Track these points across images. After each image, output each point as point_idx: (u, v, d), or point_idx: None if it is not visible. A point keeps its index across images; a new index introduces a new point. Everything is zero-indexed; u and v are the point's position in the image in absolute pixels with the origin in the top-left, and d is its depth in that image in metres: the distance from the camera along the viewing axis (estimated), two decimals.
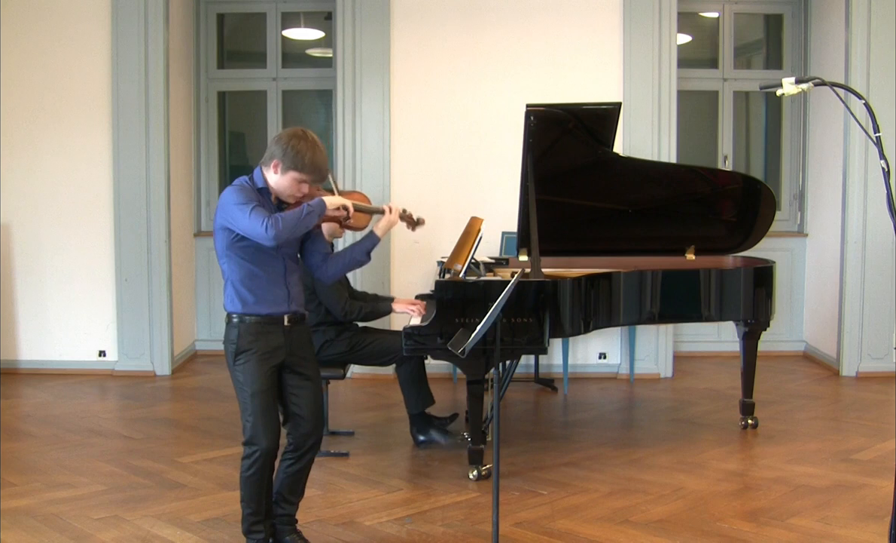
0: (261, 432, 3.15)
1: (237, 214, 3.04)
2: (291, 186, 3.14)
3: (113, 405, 5.76)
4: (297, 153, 3.08)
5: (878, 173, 6.10)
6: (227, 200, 3.09)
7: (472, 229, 4.57)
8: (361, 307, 4.67)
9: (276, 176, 3.14)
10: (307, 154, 3.09)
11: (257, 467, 3.16)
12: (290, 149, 3.08)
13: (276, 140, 3.14)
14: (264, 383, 3.17)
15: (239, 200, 3.05)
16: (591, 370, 6.49)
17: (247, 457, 3.18)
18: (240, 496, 3.24)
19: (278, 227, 2.99)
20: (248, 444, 3.17)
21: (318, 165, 3.12)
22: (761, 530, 3.66)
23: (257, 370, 3.15)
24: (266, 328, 3.17)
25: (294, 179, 3.12)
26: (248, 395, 3.16)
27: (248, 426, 3.16)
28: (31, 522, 3.74)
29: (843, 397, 5.98)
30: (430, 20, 6.37)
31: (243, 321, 3.16)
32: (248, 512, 3.23)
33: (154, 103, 6.29)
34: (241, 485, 3.22)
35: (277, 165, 3.12)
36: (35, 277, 6.51)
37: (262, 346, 3.16)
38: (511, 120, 5.38)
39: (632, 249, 5.29)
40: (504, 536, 3.56)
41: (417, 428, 4.84)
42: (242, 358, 3.15)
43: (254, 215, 3.00)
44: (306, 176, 3.12)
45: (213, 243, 3.21)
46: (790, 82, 2.84)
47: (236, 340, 3.15)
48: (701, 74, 7.15)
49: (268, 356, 3.17)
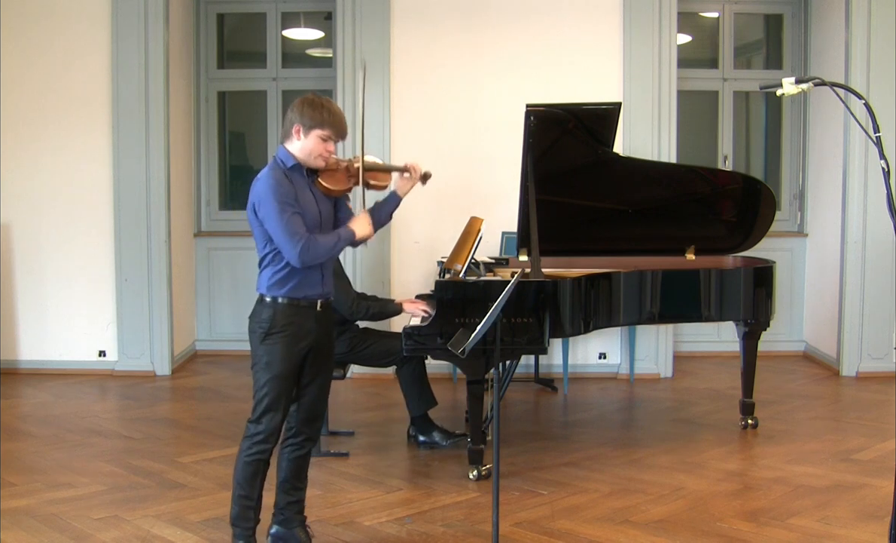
0: (273, 413, 3.17)
1: (274, 215, 3.06)
2: (317, 146, 3.16)
3: (113, 405, 5.76)
4: (314, 111, 3.13)
5: (878, 173, 6.10)
6: (264, 191, 3.09)
7: (472, 229, 4.57)
8: (369, 307, 4.65)
9: (300, 142, 3.17)
10: (324, 111, 3.14)
11: (259, 448, 3.17)
12: (308, 109, 3.14)
13: (291, 108, 3.19)
14: (289, 367, 3.18)
15: (278, 200, 3.06)
16: (591, 370, 6.49)
17: (250, 437, 3.18)
18: (234, 478, 3.22)
19: (310, 253, 3.07)
20: (256, 422, 3.17)
21: (336, 120, 3.17)
22: (761, 530, 3.66)
23: (286, 352, 3.16)
24: (300, 311, 3.19)
25: (318, 136, 3.15)
26: (270, 376, 3.16)
27: (262, 406, 3.17)
28: (31, 522, 3.74)
29: (843, 397, 5.98)
30: (430, 20, 6.38)
31: (277, 302, 3.17)
32: (242, 495, 3.21)
33: (154, 103, 6.29)
34: (238, 468, 3.21)
35: (299, 130, 3.16)
36: (35, 277, 6.51)
37: (295, 329, 3.18)
38: (511, 120, 5.38)
39: (632, 249, 5.29)
40: (504, 536, 3.56)
41: (419, 430, 4.83)
42: (272, 339, 3.16)
43: (289, 227, 3.04)
44: (328, 131, 3.16)
45: (250, 227, 3.19)
46: (790, 82, 2.84)
47: (270, 319, 3.16)
48: (701, 74, 7.15)
49: (298, 338, 3.19)
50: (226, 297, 7.15)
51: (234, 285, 7.16)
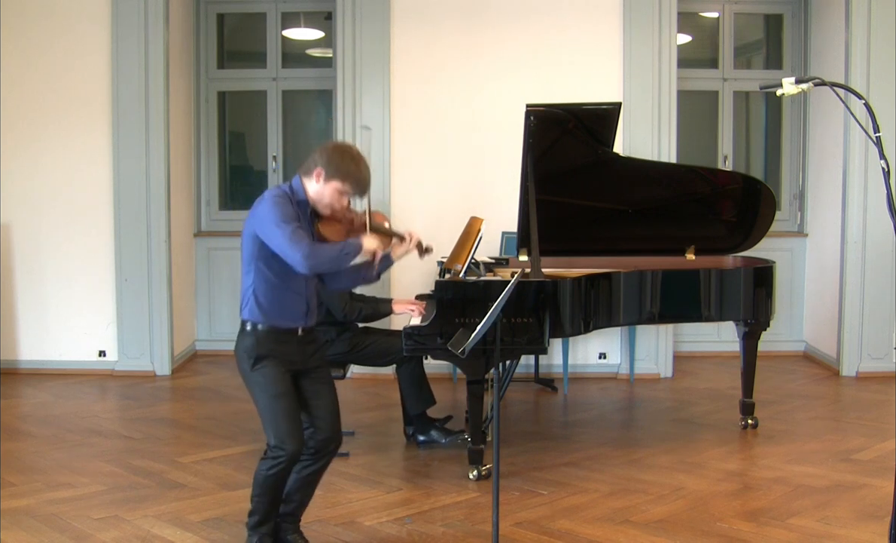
0: (287, 436, 3.11)
1: (276, 232, 3.02)
2: (332, 196, 3.14)
3: (113, 405, 5.76)
4: (342, 163, 3.11)
5: (878, 173, 6.10)
6: (265, 213, 3.06)
7: (472, 229, 4.57)
8: (361, 308, 4.68)
9: (318, 185, 3.14)
10: (351, 166, 3.12)
11: (280, 469, 3.14)
12: (336, 158, 3.11)
13: (320, 150, 3.16)
14: (286, 385, 3.17)
15: (280, 218, 3.03)
16: (591, 370, 6.49)
17: (273, 459, 3.13)
18: (253, 491, 3.21)
19: (315, 260, 3.01)
20: (276, 448, 3.12)
21: (361, 179, 3.14)
22: (761, 530, 3.66)
23: (278, 372, 3.15)
24: (281, 338, 3.18)
25: (336, 189, 3.13)
26: (271, 398, 3.13)
27: (274, 433, 3.12)
28: (31, 522, 3.74)
29: (843, 397, 5.98)
30: (430, 20, 6.38)
31: (258, 330, 3.16)
32: (262, 507, 3.21)
33: (154, 103, 6.29)
34: (258, 482, 3.19)
35: (320, 174, 3.12)
36: (35, 277, 6.51)
37: (279, 354, 3.17)
38: (511, 120, 5.38)
39: (632, 249, 5.29)
40: (504, 536, 3.55)
41: (418, 429, 4.84)
42: (262, 363, 3.14)
43: (294, 238, 2.99)
44: (349, 187, 3.13)
45: (241, 247, 3.18)
46: (790, 82, 2.84)
47: (254, 347, 3.15)
48: (701, 74, 7.15)
49: (285, 362, 3.18)
50: (226, 297, 7.15)
51: (234, 285, 7.15)
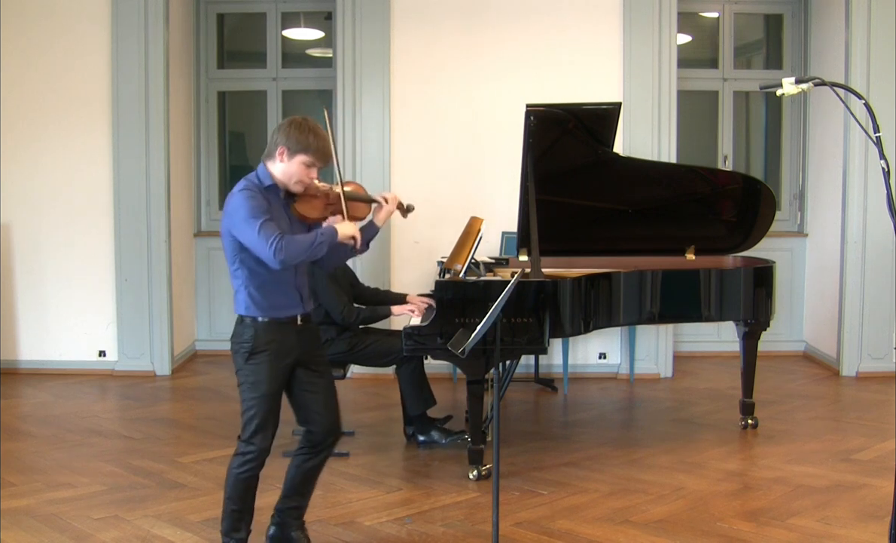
0: (263, 432, 3.15)
1: (245, 228, 3.01)
2: (300, 171, 3.13)
3: (113, 405, 5.76)
4: (301, 136, 3.10)
5: (878, 173, 6.10)
6: (235, 209, 3.06)
7: (472, 229, 4.57)
8: (359, 312, 4.67)
9: (283, 164, 3.13)
10: (310, 137, 3.11)
11: (252, 466, 3.16)
12: (295, 133, 3.10)
13: (277, 130, 3.16)
14: (276, 385, 3.18)
15: (248, 213, 3.01)
16: (591, 370, 6.49)
17: (242, 454, 3.16)
18: (225, 493, 3.21)
19: (287, 252, 2.99)
20: (247, 442, 3.15)
21: (322, 148, 3.14)
22: (761, 530, 3.66)
23: (271, 370, 3.15)
24: (279, 329, 3.18)
25: (302, 162, 3.12)
26: (258, 395, 3.14)
27: (252, 426, 3.15)
28: (31, 522, 3.74)
29: (843, 397, 5.98)
30: (430, 20, 6.37)
31: (257, 322, 3.16)
32: (234, 509, 3.20)
33: (154, 103, 6.29)
34: (230, 483, 3.19)
35: (283, 152, 3.12)
36: (35, 277, 6.51)
37: (277, 346, 3.16)
38: (511, 120, 5.38)
39: (632, 249, 5.29)
40: (504, 536, 3.56)
41: (419, 429, 4.84)
42: (256, 358, 3.15)
43: (262, 233, 2.98)
44: (313, 158, 3.13)
45: (222, 246, 3.19)
46: (790, 82, 2.84)
47: (251, 340, 3.15)
48: (701, 74, 7.15)
49: (282, 356, 3.18)
50: (226, 297, 7.14)
51: None
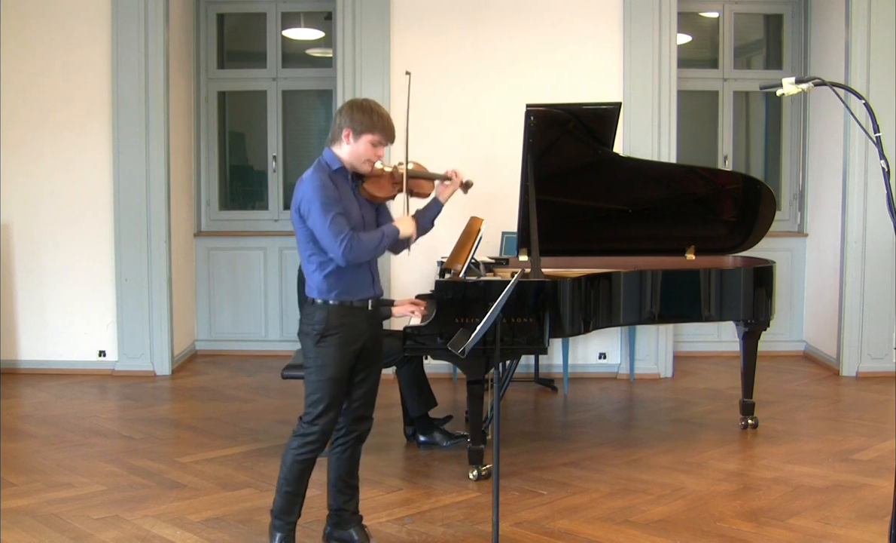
0: (327, 415, 3.20)
1: (318, 217, 3.08)
2: (367, 150, 3.19)
3: (113, 405, 5.76)
4: (364, 116, 3.16)
5: (878, 173, 6.10)
6: (309, 198, 3.10)
7: (471, 229, 4.57)
8: None
9: (350, 146, 3.19)
10: (374, 116, 3.18)
11: (313, 448, 3.21)
12: (358, 114, 3.16)
13: (341, 112, 3.21)
14: (342, 370, 3.22)
15: (321, 205, 3.07)
16: (591, 370, 6.49)
17: (303, 436, 3.20)
18: (281, 475, 3.25)
19: (355, 252, 3.08)
20: (311, 423, 3.20)
21: (387, 126, 3.21)
22: (761, 530, 3.66)
23: (339, 355, 3.19)
24: (353, 312, 3.22)
25: (369, 141, 3.18)
26: (325, 378, 3.19)
27: (318, 408, 3.19)
28: (31, 522, 3.74)
29: (843, 397, 5.98)
30: (430, 20, 6.37)
31: (329, 305, 3.19)
32: (288, 491, 3.25)
33: (154, 103, 6.29)
34: (286, 465, 3.24)
35: (349, 134, 3.17)
36: (35, 277, 6.51)
37: (347, 330, 3.20)
38: (511, 120, 5.38)
39: (632, 249, 5.29)
40: (504, 536, 3.56)
41: (420, 430, 4.83)
42: (326, 342, 3.18)
43: (333, 228, 3.06)
44: (380, 136, 3.18)
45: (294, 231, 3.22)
46: (790, 82, 2.84)
47: (323, 321, 3.18)
48: (701, 74, 7.15)
49: (351, 340, 3.22)
50: (226, 297, 7.15)
51: (234, 285, 7.16)
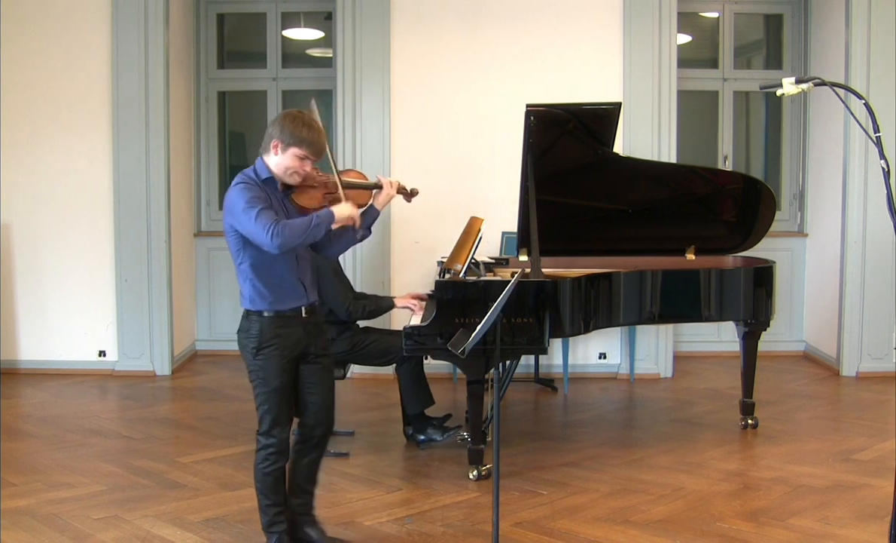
0: (281, 426, 3.21)
1: (243, 217, 3.07)
2: (293, 163, 3.17)
3: (113, 405, 5.76)
4: (294, 129, 3.14)
5: (878, 173, 6.10)
6: (233, 201, 3.11)
7: (471, 229, 4.57)
8: (365, 305, 4.70)
9: (277, 157, 3.18)
10: (304, 130, 3.14)
11: (275, 459, 3.22)
12: (288, 125, 3.14)
13: (273, 123, 3.20)
14: (287, 379, 3.23)
15: (245, 203, 3.06)
16: (591, 370, 6.49)
17: (264, 448, 3.22)
18: (257, 490, 3.27)
19: (284, 236, 3.03)
20: (265, 435, 3.22)
21: (315, 141, 3.17)
22: (761, 530, 3.66)
23: (279, 364, 3.20)
24: (286, 323, 3.22)
25: (295, 155, 3.16)
26: (269, 390, 3.20)
27: (267, 419, 3.21)
28: (31, 522, 3.74)
29: (843, 397, 5.98)
30: (430, 20, 6.37)
31: (262, 316, 3.20)
32: (268, 504, 3.27)
33: (154, 103, 6.29)
34: (258, 480, 3.26)
35: (277, 146, 3.16)
36: (35, 277, 6.51)
37: (284, 340, 3.21)
38: (511, 120, 5.38)
39: (632, 249, 5.29)
40: (504, 536, 3.56)
41: (416, 429, 4.84)
42: (264, 354, 3.19)
43: (259, 220, 3.03)
44: (306, 151, 3.16)
45: (226, 245, 3.24)
46: (790, 82, 2.84)
47: (258, 334, 3.19)
48: (701, 74, 7.15)
49: (289, 350, 3.22)
50: (226, 297, 7.14)
51: (234, 285, 7.06)
